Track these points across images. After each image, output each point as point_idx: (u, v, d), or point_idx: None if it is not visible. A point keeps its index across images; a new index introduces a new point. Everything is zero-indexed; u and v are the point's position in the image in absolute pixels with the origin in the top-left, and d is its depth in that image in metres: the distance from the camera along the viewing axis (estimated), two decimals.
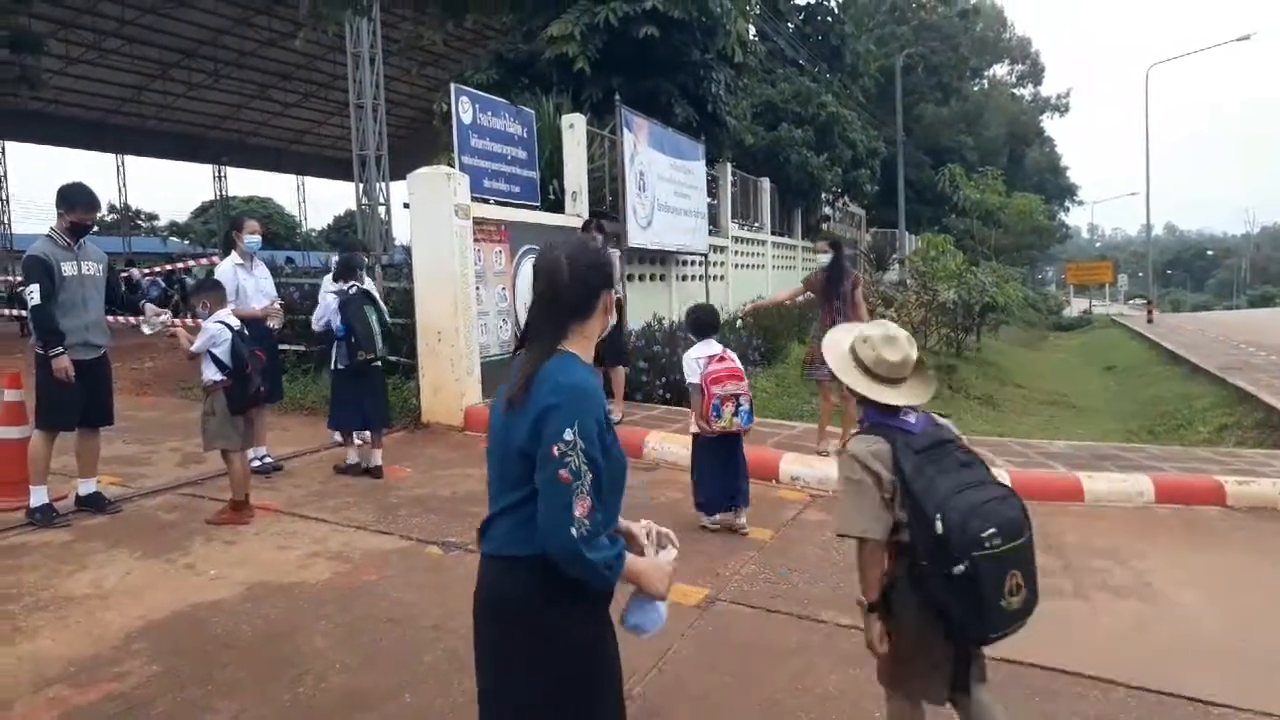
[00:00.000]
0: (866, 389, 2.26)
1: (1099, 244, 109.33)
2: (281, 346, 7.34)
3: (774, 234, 18.26)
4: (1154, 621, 3.83)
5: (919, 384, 2.29)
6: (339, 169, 36.12)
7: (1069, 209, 57.26)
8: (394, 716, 2.89)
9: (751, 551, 4.57)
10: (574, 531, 1.59)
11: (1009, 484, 2.20)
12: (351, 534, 4.74)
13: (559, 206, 9.45)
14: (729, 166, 14.88)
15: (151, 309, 5.23)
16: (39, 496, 4.81)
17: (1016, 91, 51.70)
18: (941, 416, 2.35)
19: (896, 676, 2.32)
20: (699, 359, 4.75)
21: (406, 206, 7.50)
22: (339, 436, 6.34)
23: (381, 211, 15.39)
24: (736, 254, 15.34)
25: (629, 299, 9.45)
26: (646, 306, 10.51)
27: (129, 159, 35.18)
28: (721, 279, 14.26)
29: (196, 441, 5.35)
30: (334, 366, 6.02)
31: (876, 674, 2.40)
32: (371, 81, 14.49)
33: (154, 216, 55.49)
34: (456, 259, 7.14)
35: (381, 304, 6.15)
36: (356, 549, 4.50)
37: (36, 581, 3.99)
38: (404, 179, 7.71)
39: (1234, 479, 5.67)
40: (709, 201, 13.39)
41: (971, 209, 25.26)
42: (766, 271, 17.40)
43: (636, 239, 9.79)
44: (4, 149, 28.37)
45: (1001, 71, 51.42)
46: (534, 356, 1.73)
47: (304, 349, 8.62)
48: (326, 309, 5.97)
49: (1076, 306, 50.18)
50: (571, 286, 1.74)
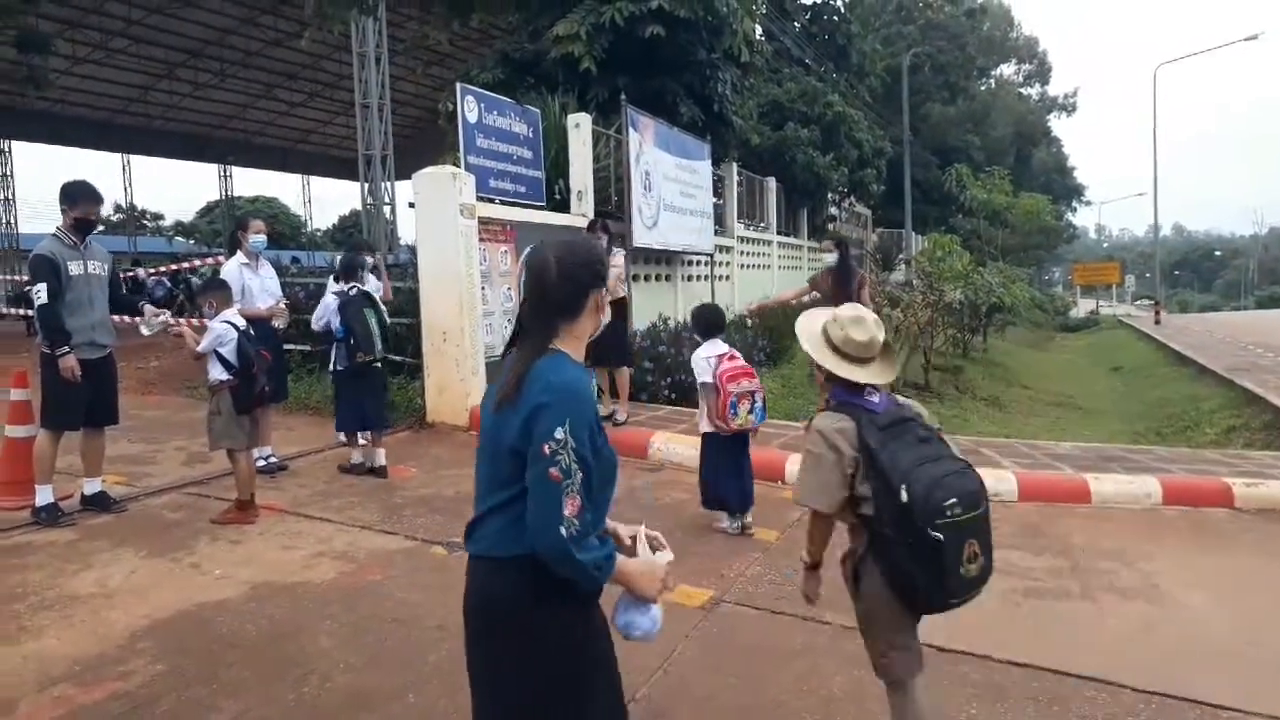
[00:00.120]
0: (834, 365, 2.38)
1: (1106, 244, 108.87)
2: (287, 346, 7.35)
3: (780, 234, 18.24)
4: (1162, 623, 3.81)
5: (885, 365, 2.41)
6: (344, 168, 36.12)
7: (1076, 209, 57.17)
8: (398, 717, 2.90)
9: (756, 553, 4.55)
10: (564, 530, 1.60)
11: (965, 458, 2.29)
12: (356, 534, 4.74)
13: (564, 206, 9.45)
14: (735, 166, 14.85)
15: (150, 310, 5.23)
16: (44, 495, 4.82)
17: (1023, 91, 51.50)
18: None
19: (882, 661, 2.41)
20: (709, 358, 4.72)
21: (412, 206, 7.51)
22: (343, 436, 6.35)
23: (387, 211, 15.43)
24: (742, 254, 15.30)
25: (634, 299, 9.43)
26: (652, 306, 10.48)
27: (135, 159, 35.22)
28: (727, 279, 14.24)
29: (202, 441, 5.37)
30: (333, 368, 6.03)
31: (873, 669, 2.46)
32: (377, 81, 14.52)
33: (160, 216, 55.74)
34: (462, 259, 7.14)
35: (381, 305, 6.15)
36: (361, 549, 4.50)
37: (41, 580, 4.01)
38: (409, 178, 7.74)
39: (1242, 481, 5.63)
40: (714, 201, 13.36)
41: (978, 209, 25.22)
42: (772, 272, 17.37)
43: (642, 239, 9.78)
44: (10, 149, 28.43)
45: (1008, 71, 51.29)
46: (525, 355, 1.74)
47: (309, 349, 8.62)
48: (326, 310, 5.98)
49: (1083, 307, 49.96)
50: (559, 285, 1.75)
